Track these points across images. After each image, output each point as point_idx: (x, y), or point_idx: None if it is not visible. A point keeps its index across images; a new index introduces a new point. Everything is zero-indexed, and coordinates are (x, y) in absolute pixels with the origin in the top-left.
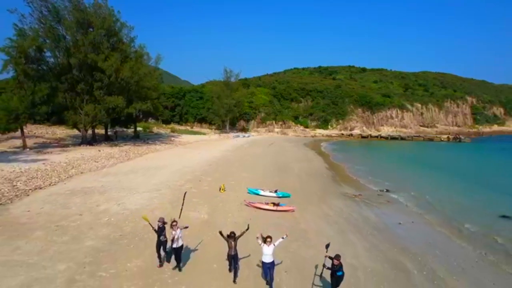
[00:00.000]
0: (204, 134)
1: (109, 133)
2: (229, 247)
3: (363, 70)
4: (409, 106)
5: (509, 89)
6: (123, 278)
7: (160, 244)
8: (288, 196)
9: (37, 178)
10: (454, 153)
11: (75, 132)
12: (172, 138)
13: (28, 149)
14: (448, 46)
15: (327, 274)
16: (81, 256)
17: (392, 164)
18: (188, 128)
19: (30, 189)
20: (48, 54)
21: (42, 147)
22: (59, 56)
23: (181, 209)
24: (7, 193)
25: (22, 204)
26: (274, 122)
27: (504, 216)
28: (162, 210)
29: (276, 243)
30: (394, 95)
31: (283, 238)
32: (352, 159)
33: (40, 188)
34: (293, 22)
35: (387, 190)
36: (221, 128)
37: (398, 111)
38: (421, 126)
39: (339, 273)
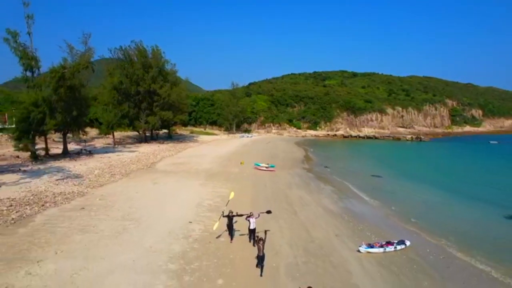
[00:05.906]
0: (216, 134)
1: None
2: (258, 250)
3: (354, 75)
4: (388, 110)
5: (493, 91)
6: (218, 183)
7: (230, 226)
8: (273, 166)
9: (149, 158)
10: (394, 147)
11: (123, 134)
12: (195, 138)
13: (117, 145)
14: (445, 48)
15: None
16: (202, 176)
17: (344, 154)
18: (202, 129)
19: (151, 162)
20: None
21: (119, 144)
22: (130, 86)
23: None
24: (145, 163)
25: (158, 167)
26: (272, 124)
27: (373, 175)
28: (217, 168)
29: None
30: (377, 100)
31: None
32: (323, 151)
33: (155, 162)
34: (293, 24)
35: (326, 166)
36: (228, 130)
37: (378, 114)
38: (399, 127)
39: None
